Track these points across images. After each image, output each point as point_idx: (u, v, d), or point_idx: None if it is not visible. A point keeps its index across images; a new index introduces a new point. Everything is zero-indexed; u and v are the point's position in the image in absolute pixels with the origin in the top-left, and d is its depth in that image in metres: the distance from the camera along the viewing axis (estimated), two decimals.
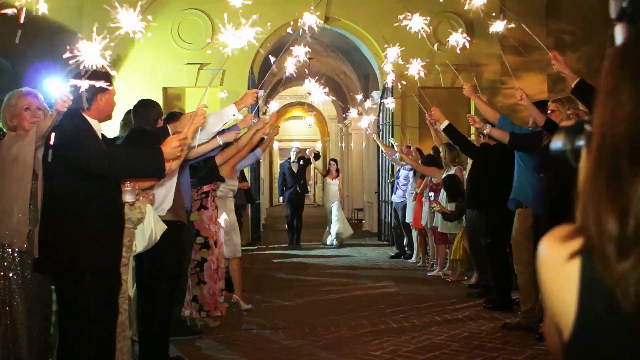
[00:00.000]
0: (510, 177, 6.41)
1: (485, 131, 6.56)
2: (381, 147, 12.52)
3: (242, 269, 8.89)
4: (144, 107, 5.10)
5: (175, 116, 5.58)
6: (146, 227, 4.50)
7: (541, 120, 5.57)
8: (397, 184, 11.60)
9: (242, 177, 8.77)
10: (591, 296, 0.96)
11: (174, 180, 4.94)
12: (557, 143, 1.16)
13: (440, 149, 9.15)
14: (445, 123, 6.96)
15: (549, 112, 5.86)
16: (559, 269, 1.00)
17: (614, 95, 0.96)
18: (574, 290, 0.98)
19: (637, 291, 0.90)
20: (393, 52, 7.27)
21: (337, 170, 14.81)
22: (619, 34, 1.04)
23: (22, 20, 3.57)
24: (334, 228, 13.98)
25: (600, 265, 0.94)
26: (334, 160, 15.61)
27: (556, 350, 1.08)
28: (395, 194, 11.73)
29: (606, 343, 0.96)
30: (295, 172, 14.34)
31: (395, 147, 11.20)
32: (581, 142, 1.09)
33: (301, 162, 14.50)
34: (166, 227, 4.69)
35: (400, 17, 6.14)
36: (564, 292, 0.99)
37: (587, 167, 0.98)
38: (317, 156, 15.47)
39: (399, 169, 11.54)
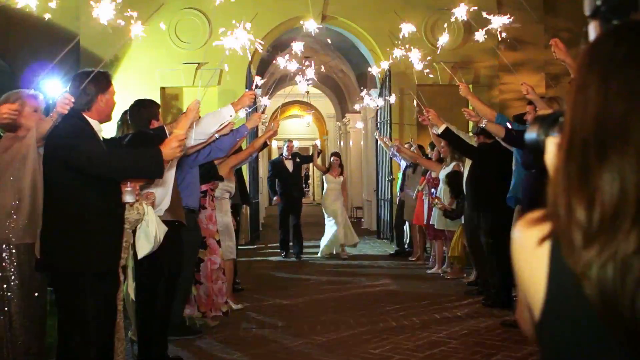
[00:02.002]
0: (509, 175, 6.43)
1: (482, 124, 6.58)
2: (383, 146, 12.44)
3: (242, 269, 8.90)
4: (136, 107, 5.09)
5: None
6: (150, 229, 4.49)
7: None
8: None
9: (239, 175, 8.69)
10: (559, 280, 1.01)
11: (172, 180, 4.94)
12: (531, 133, 1.20)
13: (441, 144, 9.12)
14: (443, 127, 6.95)
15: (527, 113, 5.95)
16: (530, 251, 1.05)
17: (584, 91, 1.00)
18: (543, 273, 1.03)
19: (599, 278, 0.94)
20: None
21: (341, 166, 12.31)
22: (592, 31, 1.07)
23: None
24: (333, 235, 11.76)
25: (567, 251, 0.98)
26: (337, 154, 12.81)
27: (528, 330, 1.13)
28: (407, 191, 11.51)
29: (573, 325, 1.01)
30: (291, 171, 11.89)
31: (391, 144, 11.18)
32: (554, 133, 1.13)
33: (297, 160, 12.04)
34: (167, 229, 4.68)
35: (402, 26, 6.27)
36: (535, 274, 1.05)
37: (560, 156, 1.03)
38: (318, 154, 13.13)
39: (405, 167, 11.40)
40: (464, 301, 7.55)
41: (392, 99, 12.00)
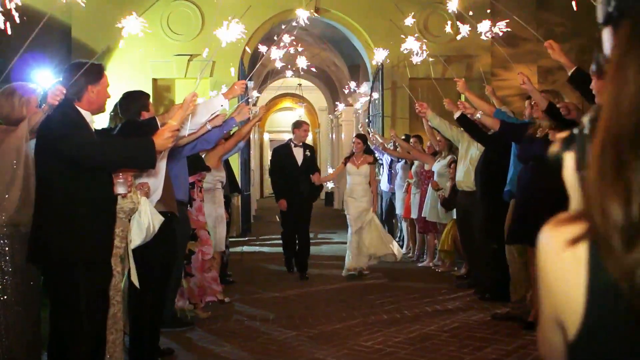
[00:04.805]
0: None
1: (476, 116, 6.57)
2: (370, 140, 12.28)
3: (233, 261, 8.90)
4: (125, 99, 5.08)
5: None
6: (143, 219, 4.48)
7: (543, 105, 5.57)
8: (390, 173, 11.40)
9: (227, 165, 8.59)
10: (600, 289, 0.88)
11: (163, 171, 4.93)
12: (553, 151, 1.13)
13: (438, 137, 9.10)
14: (458, 113, 6.94)
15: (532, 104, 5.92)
16: (562, 256, 0.92)
17: (620, 73, 0.91)
18: (580, 282, 0.90)
19: None
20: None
21: (369, 152, 9.38)
22: (606, 39, 1.04)
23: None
24: (360, 246, 8.95)
25: (605, 254, 0.87)
26: (361, 136, 9.63)
27: (554, 355, 0.99)
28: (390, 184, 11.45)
29: (619, 341, 0.87)
30: (300, 164, 9.10)
31: (372, 134, 11.15)
32: (572, 149, 1.07)
33: (307, 153, 9.22)
34: (164, 218, 4.68)
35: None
36: (569, 283, 0.91)
37: (593, 152, 0.92)
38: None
39: (391, 160, 11.38)
40: (454, 294, 7.58)
41: (376, 95, 12.03)
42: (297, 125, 9.30)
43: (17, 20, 3.95)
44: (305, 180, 9.02)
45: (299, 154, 9.07)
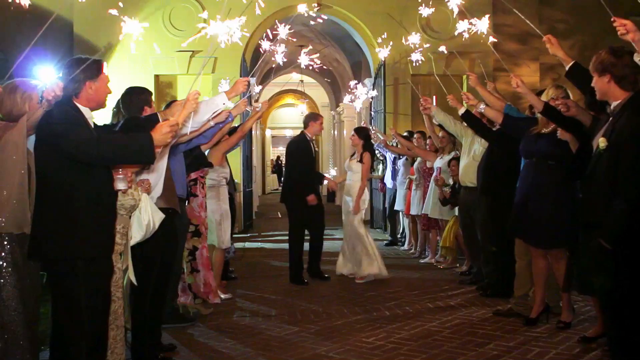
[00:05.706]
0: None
1: (479, 108, 6.57)
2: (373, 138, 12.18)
3: (235, 257, 8.90)
4: (128, 95, 5.08)
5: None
6: (143, 216, 4.48)
7: (539, 106, 5.54)
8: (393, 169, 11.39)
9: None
10: None
11: (164, 166, 4.92)
12: None
13: (440, 134, 9.10)
14: (463, 109, 6.93)
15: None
16: None
17: None
18: None
19: None
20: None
21: (366, 147, 8.55)
22: None
23: None
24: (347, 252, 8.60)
25: None
26: (359, 131, 8.78)
27: None
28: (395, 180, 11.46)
29: None
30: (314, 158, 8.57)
31: (378, 134, 11.14)
32: None
33: (316, 149, 8.62)
34: (164, 215, 4.68)
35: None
36: None
37: None
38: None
39: (394, 156, 11.37)
40: (456, 291, 7.58)
41: (373, 93, 11.99)
42: (315, 117, 8.54)
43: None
44: (318, 177, 8.64)
45: (312, 149, 8.43)
